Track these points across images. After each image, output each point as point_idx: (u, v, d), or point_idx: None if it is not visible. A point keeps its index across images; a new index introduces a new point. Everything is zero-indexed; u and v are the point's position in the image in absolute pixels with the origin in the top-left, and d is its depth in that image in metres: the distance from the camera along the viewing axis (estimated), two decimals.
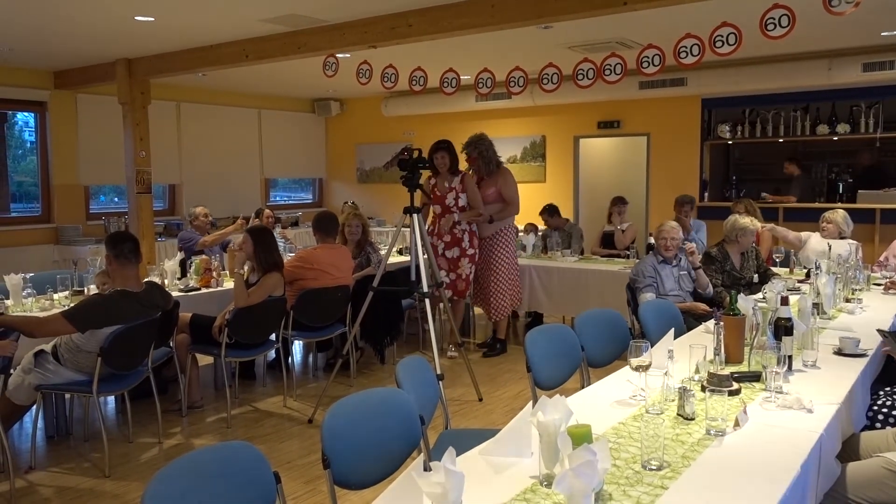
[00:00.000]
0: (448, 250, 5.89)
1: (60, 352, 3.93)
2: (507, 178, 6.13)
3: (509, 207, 6.09)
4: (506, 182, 6.09)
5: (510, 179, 6.14)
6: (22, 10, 5.48)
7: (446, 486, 1.48)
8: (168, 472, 1.82)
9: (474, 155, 6.06)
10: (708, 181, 8.86)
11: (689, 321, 4.27)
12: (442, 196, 5.82)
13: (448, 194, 5.82)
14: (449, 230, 5.89)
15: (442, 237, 5.86)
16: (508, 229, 6.20)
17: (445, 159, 5.81)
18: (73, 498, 3.57)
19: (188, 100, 9.82)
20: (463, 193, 5.82)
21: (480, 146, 6.06)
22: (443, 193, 5.82)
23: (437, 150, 5.83)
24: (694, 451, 2.08)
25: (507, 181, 6.10)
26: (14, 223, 8.41)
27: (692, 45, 4.68)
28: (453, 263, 5.91)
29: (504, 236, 6.15)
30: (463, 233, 5.89)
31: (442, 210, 5.84)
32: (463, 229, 5.89)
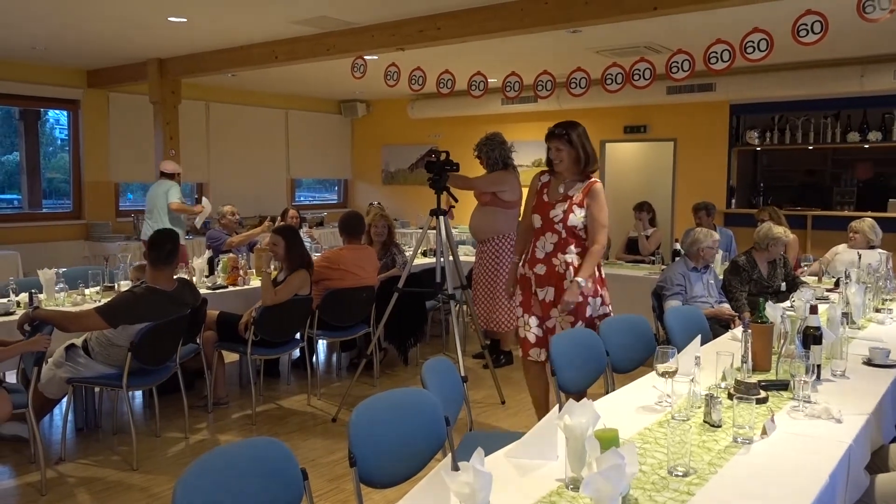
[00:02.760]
0: (540, 288, 3.83)
1: (91, 345, 4.01)
2: (507, 179, 5.60)
3: (504, 213, 5.52)
4: (502, 182, 5.56)
5: (509, 181, 5.60)
6: (58, 9, 5.59)
7: (474, 486, 1.50)
8: (200, 466, 1.85)
9: (478, 155, 5.63)
10: (735, 188, 8.78)
11: (714, 328, 4.25)
12: (549, 204, 3.82)
13: (558, 204, 3.78)
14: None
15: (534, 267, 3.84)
16: (514, 234, 5.61)
17: (562, 153, 3.78)
18: (101, 490, 3.63)
19: (217, 100, 9.94)
20: (581, 208, 3.74)
21: (486, 146, 5.59)
22: (552, 201, 3.82)
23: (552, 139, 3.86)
24: (721, 459, 2.07)
25: (504, 181, 5.56)
26: (46, 219, 8.57)
27: (723, 50, 4.65)
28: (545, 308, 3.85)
29: (510, 241, 5.59)
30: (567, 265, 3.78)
31: (543, 225, 3.82)
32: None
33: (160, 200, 7.30)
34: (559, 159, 3.78)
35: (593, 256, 3.74)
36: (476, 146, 5.72)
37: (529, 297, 3.87)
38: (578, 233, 3.76)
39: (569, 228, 3.74)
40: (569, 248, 3.75)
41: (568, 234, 3.75)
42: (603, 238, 3.77)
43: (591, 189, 3.79)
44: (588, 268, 3.71)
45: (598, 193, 3.79)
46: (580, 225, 3.75)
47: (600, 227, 3.76)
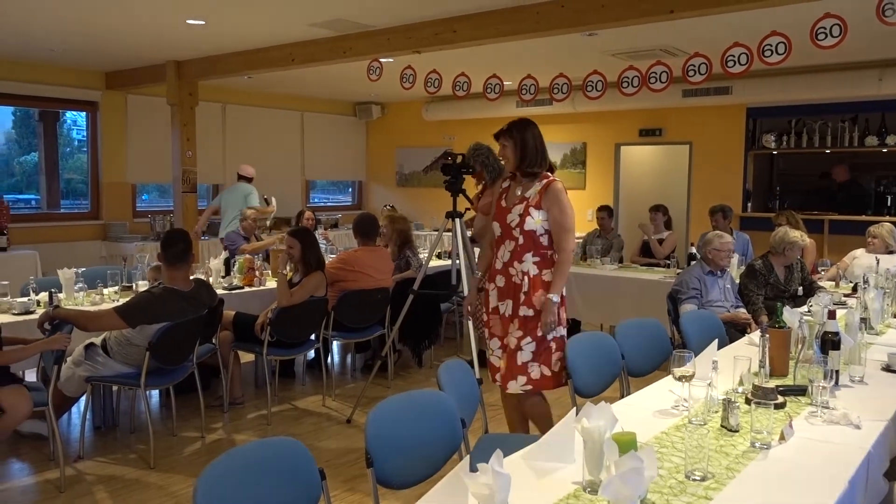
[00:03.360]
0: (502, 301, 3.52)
1: (110, 345, 4.05)
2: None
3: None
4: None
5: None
6: (78, 12, 5.66)
7: (493, 488, 1.51)
8: (221, 463, 1.87)
9: (471, 169, 5.02)
10: (751, 192, 8.73)
11: (731, 333, 4.23)
12: (507, 209, 3.52)
13: (515, 207, 3.48)
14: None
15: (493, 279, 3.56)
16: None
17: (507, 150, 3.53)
18: (119, 487, 3.67)
19: (234, 101, 10.01)
20: (539, 210, 3.42)
21: (479, 158, 5.18)
22: (509, 205, 3.52)
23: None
24: (738, 464, 2.07)
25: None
26: (64, 219, 8.66)
27: (740, 53, 4.63)
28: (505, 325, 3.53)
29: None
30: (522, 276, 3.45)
31: (503, 232, 3.51)
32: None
33: (239, 202, 7.70)
34: (505, 157, 3.54)
35: (562, 267, 3.39)
36: (468, 162, 5.11)
37: (489, 316, 3.57)
38: (539, 239, 3.39)
39: (526, 234, 3.39)
40: (525, 257, 3.39)
41: (526, 240, 3.40)
42: (569, 243, 3.40)
43: (548, 188, 3.41)
44: (559, 281, 3.37)
45: (557, 193, 3.41)
46: (540, 229, 3.39)
47: (563, 231, 3.39)
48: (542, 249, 3.41)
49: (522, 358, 3.40)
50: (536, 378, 3.43)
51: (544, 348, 3.40)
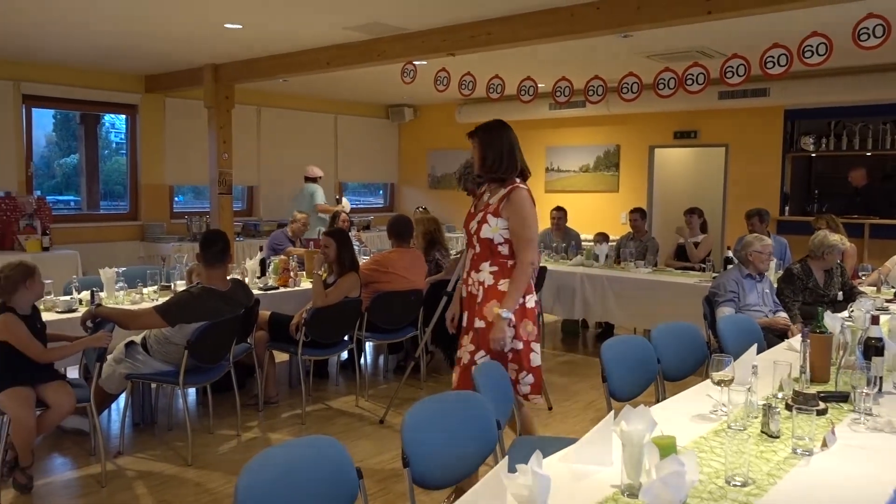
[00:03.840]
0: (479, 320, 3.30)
1: (149, 343, 4.13)
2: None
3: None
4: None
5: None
6: (120, 18, 5.78)
7: (533, 489, 1.51)
8: (262, 459, 1.90)
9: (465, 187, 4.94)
10: (789, 195, 8.59)
11: (769, 338, 4.17)
12: (472, 215, 3.40)
13: (479, 214, 3.34)
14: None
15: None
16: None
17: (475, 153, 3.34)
18: (158, 483, 3.74)
19: (268, 104, 10.13)
20: (497, 217, 3.23)
21: (469, 174, 4.81)
22: (475, 211, 3.38)
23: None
24: (780, 470, 2.04)
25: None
26: (103, 220, 8.84)
27: (780, 55, 4.57)
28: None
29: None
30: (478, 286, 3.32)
31: (468, 240, 3.42)
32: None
33: (305, 202, 8.25)
34: (474, 160, 3.35)
35: (518, 279, 3.17)
36: (459, 180, 5.09)
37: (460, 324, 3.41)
38: (497, 248, 3.22)
39: (483, 242, 3.24)
40: (482, 266, 3.24)
41: (483, 249, 3.25)
42: (527, 254, 3.17)
43: (510, 195, 3.20)
44: (512, 296, 3.16)
45: (517, 199, 3.19)
46: (498, 238, 3.20)
47: (521, 241, 3.18)
48: (500, 259, 3.22)
49: None
50: None
51: (501, 360, 3.19)
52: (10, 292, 3.52)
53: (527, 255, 3.18)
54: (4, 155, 7.71)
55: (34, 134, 8.19)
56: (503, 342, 3.14)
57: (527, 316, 3.25)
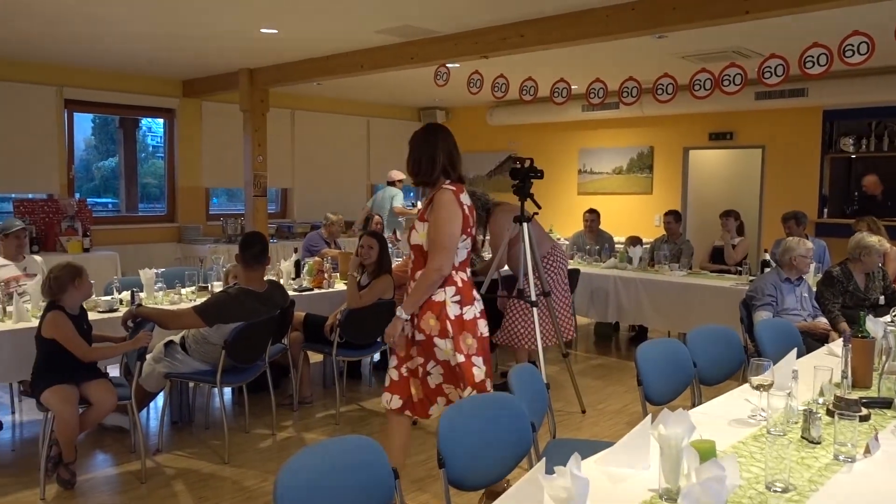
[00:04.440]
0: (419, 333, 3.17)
1: (188, 343, 4.21)
2: (498, 229, 5.09)
3: (500, 256, 4.94)
4: (499, 234, 5.05)
5: (499, 225, 5.08)
6: (159, 24, 5.90)
7: (571, 491, 1.51)
8: (301, 457, 1.93)
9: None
10: (828, 197, 8.43)
11: (808, 343, 4.10)
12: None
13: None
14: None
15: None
16: (550, 256, 5.12)
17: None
18: (196, 481, 3.80)
19: (302, 108, 10.24)
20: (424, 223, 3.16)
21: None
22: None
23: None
24: (821, 476, 2.01)
25: (501, 233, 5.02)
26: (142, 222, 9.02)
27: (819, 54, 4.49)
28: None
29: (546, 262, 5.06)
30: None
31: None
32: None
33: (386, 204, 8.83)
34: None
35: (420, 284, 3.05)
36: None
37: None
38: (428, 255, 3.10)
39: (414, 248, 3.16)
40: (417, 274, 3.14)
41: (416, 256, 3.16)
42: (436, 261, 3.01)
43: (433, 198, 3.12)
44: (413, 298, 3.06)
45: (438, 203, 3.08)
46: (426, 244, 3.09)
47: (432, 245, 3.04)
48: None
49: (434, 381, 3.16)
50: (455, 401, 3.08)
51: (454, 373, 3.12)
52: (59, 292, 3.62)
53: (435, 261, 3.01)
54: (48, 158, 7.92)
55: (75, 138, 8.39)
56: (392, 338, 3.10)
57: (466, 328, 3.09)
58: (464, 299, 3.10)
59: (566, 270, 5.27)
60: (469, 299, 3.13)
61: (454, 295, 3.09)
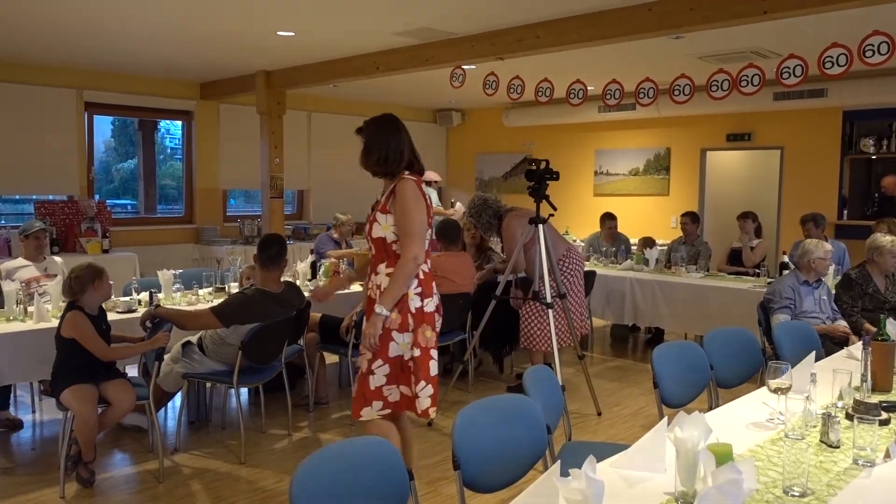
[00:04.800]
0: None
1: (205, 343, 4.24)
2: (511, 233, 5.11)
3: (514, 260, 4.95)
4: (512, 238, 5.07)
5: (513, 230, 5.09)
6: (178, 28, 5.95)
7: (587, 494, 1.50)
8: (317, 458, 1.94)
9: (475, 227, 5.35)
10: (847, 198, 8.34)
11: (827, 346, 4.06)
12: (369, 216, 3.23)
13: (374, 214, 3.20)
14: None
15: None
16: (566, 258, 5.12)
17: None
18: (212, 480, 3.83)
19: (318, 109, 10.29)
20: (386, 214, 3.09)
21: (473, 217, 5.35)
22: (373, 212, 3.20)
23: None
24: (840, 481, 1.99)
25: (514, 237, 5.02)
26: (160, 223, 9.10)
27: (839, 54, 4.45)
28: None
29: (562, 264, 5.09)
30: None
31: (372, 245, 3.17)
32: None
33: None
34: (361, 157, 3.20)
35: (398, 276, 2.95)
36: (473, 217, 5.40)
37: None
38: (391, 247, 3.04)
39: (376, 242, 3.09)
40: (379, 268, 3.07)
41: (377, 250, 3.09)
42: (411, 250, 2.96)
43: (395, 188, 3.06)
44: (391, 292, 2.94)
45: (401, 192, 3.03)
46: (391, 236, 3.03)
47: (405, 235, 2.98)
48: (396, 259, 3.02)
49: (376, 382, 3.02)
50: (396, 400, 3.06)
51: (402, 370, 3.03)
52: (78, 292, 3.66)
53: (409, 250, 2.94)
54: (68, 160, 8.02)
55: (95, 140, 8.48)
56: (373, 340, 2.92)
57: (426, 321, 3.03)
58: (424, 291, 3.04)
59: (582, 273, 5.26)
60: (429, 291, 3.08)
61: (416, 287, 3.02)
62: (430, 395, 3.03)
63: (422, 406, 3.02)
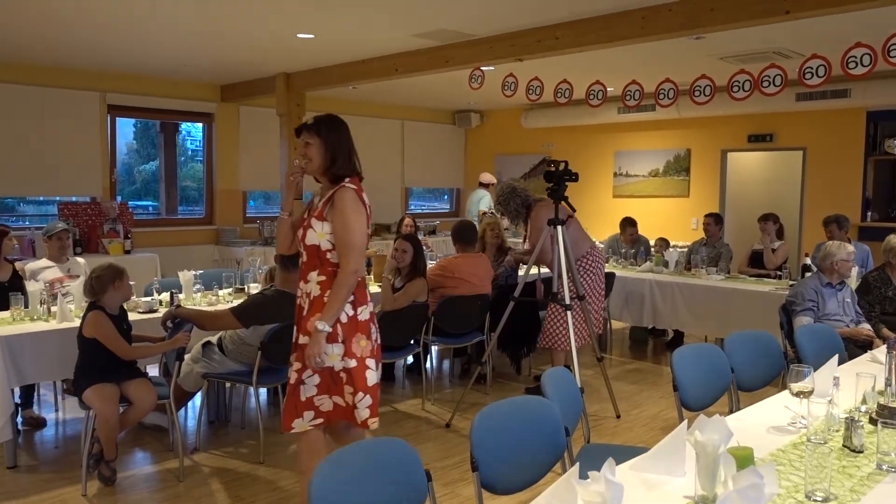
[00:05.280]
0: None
1: (225, 343, 4.27)
2: (536, 216, 5.10)
3: (538, 251, 4.90)
4: (539, 228, 4.96)
5: (539, 216, 5.06)
6: (199, 31, 6.00)
7: (606, 496, 1.49)
8: (336, 458, 1.95)
9: (503, 213, 5.35)
10: (872, 200, 8.23)
11: (851, 349, 4.00)
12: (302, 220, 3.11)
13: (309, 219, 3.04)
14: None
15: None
16: (589, 256, 5.15)
17: (311, 148, 3.05)
18: (232, 480, 3.85)
19: (338, 111, 10.21)
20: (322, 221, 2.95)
21: (501, 205, 5.30)
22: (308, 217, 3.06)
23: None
24: (864, 486, 1.96)
25: (541, 227, 4.89)
26: (181, 224, 9.19)
27: (863, 54, 4.39)
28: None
29: (586, 262, 5.11)
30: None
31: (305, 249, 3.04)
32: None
33: (474, 206, 9.48)
34: (308, 157, 3.00)
35: (338, 289, 2.85)
36: (500, 206, 5.37)
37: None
38: (325, 255, 2.93)
39: (309, 249, 2.97)
40: (310, 276, 2.96)
41: (310, 257, 2.97)
42: (351, 262, 2.85)
43: (335, 195, 2.92)
44: (332, 306, 2.83)
45: (341, 199, 2.90)
46: (325, 244, 2.92)
47: (344, 246, 2.87)
48: (329, 267, 2.92)
49: (307, 392, 2.92)
50: (329, 410, 2.95)
51: (333, 380, 2.91)
52: (99, 292, 3.71)
53: (349, 263, 2.85)
54: (91, 163, 8.11)
55: (117, 142, 8.58)
56: (319, 359, 2.82)
57: (360, 330, 2.93)
58: (357, 300, 2.94)
59: (603, 273, 5.25)
60: (363, 299, 2.97)
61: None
62: (368, 406, 2.92)
63: (361, 417, 2.92)
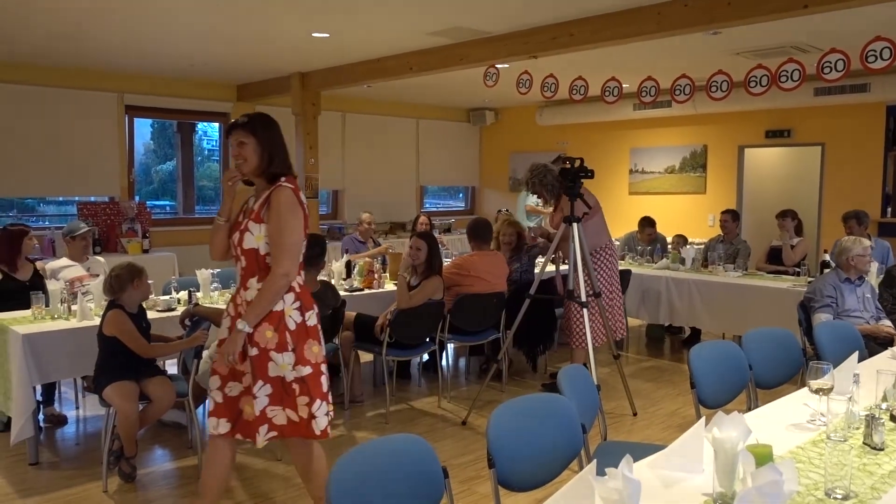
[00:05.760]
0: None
1: None
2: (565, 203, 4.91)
3: (559, 235, 4.83)
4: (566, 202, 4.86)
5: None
6: (213, 30, 6.05)
7: (623, 493, 1.49)
8: (354, 454, 1.96)
9: (535, 190, 5.30)
10: (892, 195, 8.14)
11: (871, 346, 3.96)
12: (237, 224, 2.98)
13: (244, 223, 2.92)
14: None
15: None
16: (603, 250, 5.14)
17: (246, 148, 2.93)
18: (249, 476, 3.88)
19: (353, 110, 10.36)
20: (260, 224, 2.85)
21: (537, 179, 5.24)
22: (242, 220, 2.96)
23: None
24: (884, 484, 1.94)
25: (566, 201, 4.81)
26: (198, 223, 9.25)
27: (882, 48, 4.34)
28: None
29: (600, 257, 5.10)
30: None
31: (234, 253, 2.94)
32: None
33: (521, 203, 9.42)
34: (242, 157, 2.89)
35: (263, 292, 2.74)
36: (527, 185, 5.37)
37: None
38: (263, 260, 2.81)
39: (247, 253, 2.82)
40: (250, 282, 2.83)
41: (248, 262, 2.83)
42: (283, 265, 2.74)
43: (272, 195, 2.83)
44: (257, 308, 2.74)
45: (278, 199, 2.80)
46: (264, 248, 2.80)
47: (278, 248, 2.76)
48: (269, 272, 2.79)
49: (259, 405, 2.79)
50: (283, 424, 2.83)
51: (286, 392, 2.81)
52: (119, 291, 3.75)
53: (281, 265, 2.73)
54: (109, 163, 8.20)
55: (135, 143, 8.66)
56: (231, 357, 2.73)
57: (310, 336, 2.85)
58: (304, 305, 2.85)
59: (617, 270, 5.23)
60: (309, 304, 2.88)
61: (294, 301, 2.82)
62: (326, 414, 2.87)
63: (319, 427, 2.85)
